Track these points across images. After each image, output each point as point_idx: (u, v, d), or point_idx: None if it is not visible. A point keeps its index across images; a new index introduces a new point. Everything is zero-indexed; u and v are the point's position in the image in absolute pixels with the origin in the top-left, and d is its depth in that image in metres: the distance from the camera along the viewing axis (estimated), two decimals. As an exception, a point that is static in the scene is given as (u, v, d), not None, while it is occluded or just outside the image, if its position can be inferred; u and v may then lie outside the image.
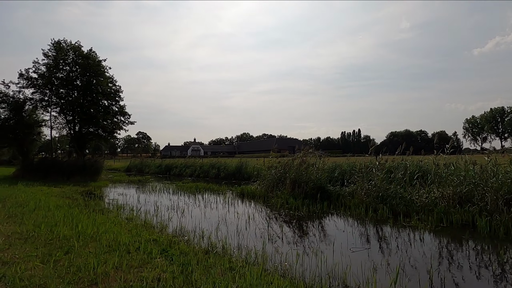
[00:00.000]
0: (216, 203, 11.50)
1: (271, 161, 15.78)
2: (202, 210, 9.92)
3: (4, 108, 21.45)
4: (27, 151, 23.25)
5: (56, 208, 8.62)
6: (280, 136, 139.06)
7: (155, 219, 8.26)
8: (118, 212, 9.34)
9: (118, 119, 26.51)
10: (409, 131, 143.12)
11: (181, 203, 11.47)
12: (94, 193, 14.96)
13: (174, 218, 8.67)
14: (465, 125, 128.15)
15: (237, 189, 14.34)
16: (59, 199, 11.41)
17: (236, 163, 23.81)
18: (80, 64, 23.92)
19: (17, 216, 7.05)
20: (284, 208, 10.01)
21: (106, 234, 5.47)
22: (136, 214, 8.77)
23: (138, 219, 8.23)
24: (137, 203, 11.45)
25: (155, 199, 12.68)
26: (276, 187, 12.84)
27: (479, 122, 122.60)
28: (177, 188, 15.97)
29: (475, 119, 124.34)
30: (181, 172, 28.92)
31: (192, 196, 13.37)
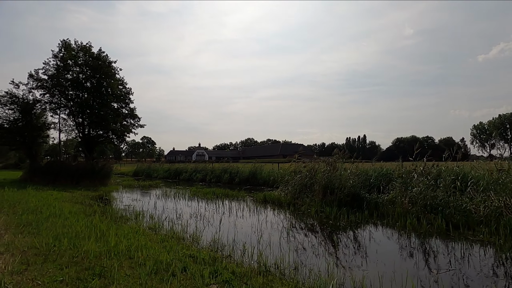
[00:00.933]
0: (240, 210, 10.59)
1: (293, 166, 14.88)
2: (229, 219, 9.02)
3: (13, 110, 20.87)
4: (35, 154, 22.59)
5: (72, 215, 7.78)
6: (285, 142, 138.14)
7: (181, 228, 7.37)
8: (138, 220, 8.48)
9: (128, 122, 25.86)
10: (416, 137, 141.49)
11: (202, 210, 10.58)
12: (106, 198, 14.15)
13: (200, 227, 7.78)
14: (472, 132, 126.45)
15: (259, 195, 13.42)
16: (72, 204, 10.58)
17: (249, 168, 22.91)
18: (90, 65, 23.37)
19: (31, 225, 6.21)
20: (320, 217, 9.08)
21: (138, 249, 4.59)
22: (158, 223, 7.89)
23: (162, 228, 7.36)
24: (155, 210, 10.58)
25: (173, 205, 11.81)
26: (303, 193, 11.92)
27: (487, 128, 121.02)
28: (193, 194, 15.09)
29: (483, 125, 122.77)
30: (191, 177, 28.05)
31: (211, 203, 12.48)
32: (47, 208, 8.60)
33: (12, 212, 8.07)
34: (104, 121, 22.37)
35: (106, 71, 23.62)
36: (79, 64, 23.16)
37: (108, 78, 23.79)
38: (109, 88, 23.98)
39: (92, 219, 7.24)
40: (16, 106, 20.74)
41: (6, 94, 20.60)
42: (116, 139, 24.59)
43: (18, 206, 8.90)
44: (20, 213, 7.76)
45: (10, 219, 6.81)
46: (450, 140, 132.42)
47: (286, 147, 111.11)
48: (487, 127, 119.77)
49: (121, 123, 25.03)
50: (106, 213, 9.33)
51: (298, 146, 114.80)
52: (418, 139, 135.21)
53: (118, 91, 24.62)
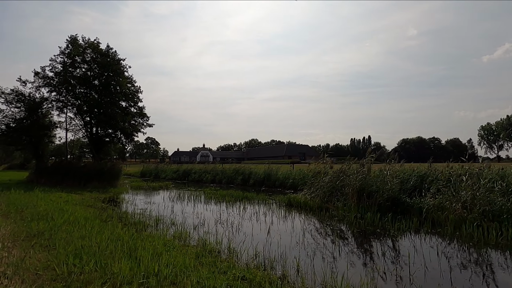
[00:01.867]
0: (266, 215, 9.63)
1: (319, 166, 13.93)
2: (259, 225, 8.07)
3: (19, 108, 20.10)
4: (41, 154, 21.81)
5: (88, 222, 6.88)
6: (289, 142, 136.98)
7: (210, 237, 6.43)
8: (160, 228, 7.56)
9: (136, 121, 25.04)
10: (422, 138, 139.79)
11: (225, 215, 9.65)
12: (117, 201, 13.28)
13: (230, 235, 6.85)
14: (480, 132, 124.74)
15: (281, 199, 12.46)
16: (84, 208, 9.70)
17: (264, 170, 21.96)
18: (98, 63, 22.59)
19: (43, 235, 5.31)
20: (361, 225, 8.09)
21: (179, 271, 3.65)
22: (184, 231, 6.96)
23: (191, 238, 6.43)
24: (173, 214, 9.67)
25: (191, 209, 10.88)
26: (333, 197, 10.95)
27: (495, 129, 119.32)
28: (209, 196, 14.16)
29: (491, 126, 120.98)
30: (200, 178, 27.16)
31: (231, 206, 11.54)
32: (59, 213, 7.71)
33: (20, 217, 7.20)
34: (113, 120, 21.56)
35: (114, 68, 22.82)
36: (86, 61, 22.39)
37: (116, 76, 22.99)
38: (118, 86, 23.19)
39: (111, 227, 6.33)
40: (22, 104, 19.98)
41: (12, 91, 19.88)
42: (125, 138, 23.77)
43: (26, 211, 8.03)
44: (29, 219, 6.88)
45: (18, 227, 5.93)
46: (457, 141, 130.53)
47: (291, 148, 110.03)
48: (495, 128, 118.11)
49: (129, 122, 24.23)
50: (123, 219, 8.44)
51: (303, 147, 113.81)
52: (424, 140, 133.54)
53: (127, 89, 23.82)
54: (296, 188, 18.08)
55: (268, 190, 18.33)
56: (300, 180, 18.01)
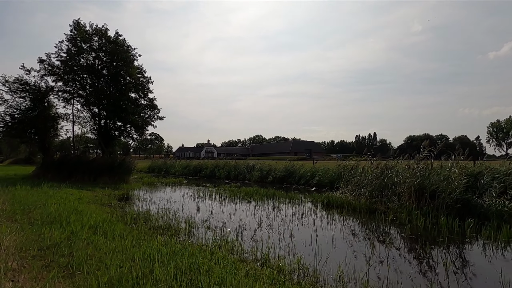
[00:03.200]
0: (310, 217, 8.27)
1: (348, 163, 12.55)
2: (311, 231, 6.71)
3: (24, 98, 18.79)
4: (48, 148, 20.57)
5: (110, 226, 5.57)
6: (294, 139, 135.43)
7: (264, 247, 5.09)
8: (194, 233, 6.24)
9: (146, 113, 23.67)
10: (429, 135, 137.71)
11: (261, 216, 8.31)
12: (132, 198, 12.00)
13: (288, 246, 5.52)
14: (489, 130, 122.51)
15: (318, 198, 11.08)
16: (100, 208, 8.41)
17: (284, 166, 20.60)
18: (106, 51, 21.15)
19: (60, 248, 3.99)
20: (433, 232, 6.71)
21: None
22: (227, 239, 5.63)
23: (238, 248, 5.10)
24: (200, 215, 8.34)
25: (219, 209, 9.54)
26: (383, 197, 9.57)
27: (504, 126, 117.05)
28: (234, 194, 12.82)
29: (500, 123, 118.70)
30: (213, 174, 25.88)
31: (262, 205, 10.19)
32: (74, 215, 6.41)
33: (28, 221, 5.90)
34: (123, 111, 20.20)
35: (123, 57, 21.38)
36: (94, 49, 20.97)
37: (126, 65, 21.58)
38: (127, 76, 21.79)
39: (144, 235, 5.01)
40: (27, 94, 18.66)
41: (17, 80, 18.56)
42: (136, 132, 22.43)
43: (35, 212, 6.73)
44: (39, 223, 5.58)
45: (26, 236, 4.62)
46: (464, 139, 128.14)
47: (297, 144, 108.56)
48: (504, 125, 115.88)
49: (139, 115, 22.87)
50: (148, 221, 7.13)
51: (310, 143, 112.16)
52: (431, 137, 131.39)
53: (137, 79, 22.43)
54: (322, 186, 16.77)
55: (290, 188, 16.99)
56: (329, 177, 16.66)
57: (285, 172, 19.87)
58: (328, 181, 16.87)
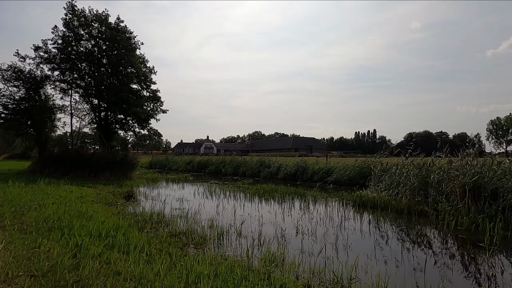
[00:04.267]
0: (347, 219, 7.13)
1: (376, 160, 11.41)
2: (360, 240, 5.57)
3: (18, 87, 17.39)
4: (45, 141, 19.24)
5: (124, 234, 4.39)
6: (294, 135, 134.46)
7: (319, 262, 3.95)
8: (222, 241, 5.07)
9: (148, 105, 22.37)
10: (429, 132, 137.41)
11: (290, 218, 7.16)
12: (137, 196, 10.82)
13: (342, 258, 4.37)
14: (489, 127, 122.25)
15: (349, 197, 9.94)
16: (105, 209, 7.22)
17: (294, 162, 19.47)
18: (106, 38, 19.76)
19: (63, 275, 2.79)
20: None
21: None
22: (276, 254, 4.47)
23: (291, 265, 3.94)
24: (223, 217, 7.17)
25: (239, 209, 8.36)
26: (425, 196, 8.45)
27: (504, 123, 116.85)
28: (251, 193, 11.63)
29: (500, 120, 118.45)
30: (218, 170, 24.69)
31: (287, 205, 9.04)
32: (77, 218, 5.21)
33: (20, 227, 4.70)
34: (125, 103, 18.88)
35: (125, 45, 20.03)
36: (93, 36, 19.59)
37: (127, 54, 20.21)
38: (129, 66, 20.44)
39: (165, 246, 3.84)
40: (21, 83, 17.29)
41: (10, 67, 17.17)
42: (138, 125, 21.12)
43: (29, 215, 5.53)
44: (33, 231, 4.38)
45: (15, 250, 3.41)
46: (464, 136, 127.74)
47: (298, 141, 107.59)
48: (504, 123, 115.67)
49: (142, 107, 21.54)
50: (164, 224, 5.96)
51: (310, 140, 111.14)
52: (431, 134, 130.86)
53: (139, 69, 21.08)
54: (340, 184, 15.67)
55: (304, 185, 15.87)
56: (348, 175, 15.55)
57: (296, 169, 18.74)
58: (346, 179, 15.77)
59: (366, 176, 15.39)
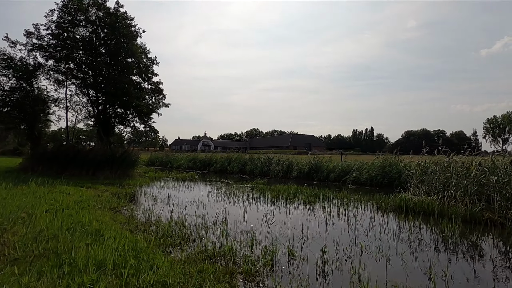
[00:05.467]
0: (405, 230, 5.89)
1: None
2: (444, 260, 4.33)
3: (7, 76, 15.77)
4: (38, 136, 17.67)
5: (144, 260, 3.07)
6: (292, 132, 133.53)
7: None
8: (286, 272, 3.78)
9: (150, 98, 20.89)
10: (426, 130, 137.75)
11: (334, 229, 5.91)
12: (143, 198, 9.47)
13: None
14: (485, 125, 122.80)
15: (387, 200, 8.71)
16: (111, 216, 5.89)
17: (308, 160, 18.23)
18: (105, 24, 18.19)
19: None
20: None
21: None
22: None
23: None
24: (254, 227, 5.88)
25: (269, 216, 7.07)
26: (486, 201, 7.25)
27: (501, 122, 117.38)
28: (271, 194, 10.33)
29: (497, 119, 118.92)
30: (224, 168, 23.35)
31: (317, 210, 7.78)
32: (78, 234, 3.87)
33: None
34: (126, 95, 17.38)
35: (125, 32, 18.49)
36: (91, 21, 18.00)
37: (128, 42, 18.66)
38: (130, 55, 18.91)
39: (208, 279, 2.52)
40: (11, 71, 15.69)
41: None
42: (139, 119, 19.64)
43: (13, 230, 4.17)
44: (18, 258, 3.03)
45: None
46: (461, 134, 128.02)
47: (297, 138, 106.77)
48: (501, 121, 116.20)
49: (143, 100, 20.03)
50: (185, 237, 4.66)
51: (309, 137, 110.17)
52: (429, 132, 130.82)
53: (140, 59, 19.57)
54: (361, 184, 14.48)
55: (320, 185, 14.66)
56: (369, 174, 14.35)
57: (310, 167, 17.50)
58: (367, 178, 14.60)
59: (389, 175, 14.28)
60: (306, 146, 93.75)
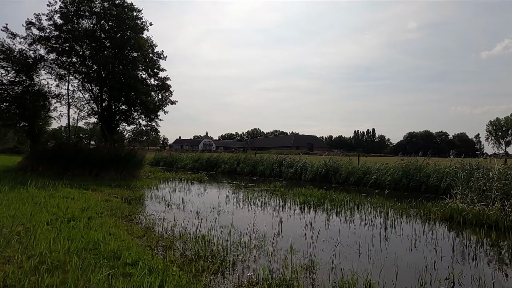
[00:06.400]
0: (475, 247, 4.88)
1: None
2: None
3: (6, 69, 14.72)
4: (38, 133, 16.62)
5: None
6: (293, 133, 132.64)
7: None
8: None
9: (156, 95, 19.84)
10: (429, 131, 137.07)
11: (391, 246, 4.90)
12: (155, 203, 8.44)
13: None
14: (488, 128, 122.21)
15: (431, 208, 7.69)
16: (124, 227, 4.87)
17: (321, 161, 17.22)
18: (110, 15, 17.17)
19: None
20: None
21: None
22: None
23: None
24: (306, 244, 4.86)
25: (308, 227, 6.06)
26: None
27: (503, 124, 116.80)
28: (300, 200, 9.29)
29: (500, 121, 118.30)
30: (232, 169, 22.29)
31: (359, 221, 6.77)
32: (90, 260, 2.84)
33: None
34: (132, 90, 16.34)
35: (132, 25, 17.49)
36: (95, 13, 16.99)
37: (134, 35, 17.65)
38: (136, 50, 17.89)
39: None
40: (10, 64, 14.65)
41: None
42: (146, 117, 18.59)
43: (7, 253, 3.14)
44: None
45: None
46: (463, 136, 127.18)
47: (299, 139, 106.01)
48: (504, 123, 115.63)
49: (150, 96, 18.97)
50: (224, 263, 3.64)
51: (311, 138, 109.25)
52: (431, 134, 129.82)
53: (147, 54, 18.56)
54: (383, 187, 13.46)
55: (339, 188, 13.63)
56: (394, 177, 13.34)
57: (327, 169, 16.47)
58: (390, 180, 13.62)
59: (415, 178, 13.28)
60: (308, 147, 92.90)
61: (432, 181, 12.60)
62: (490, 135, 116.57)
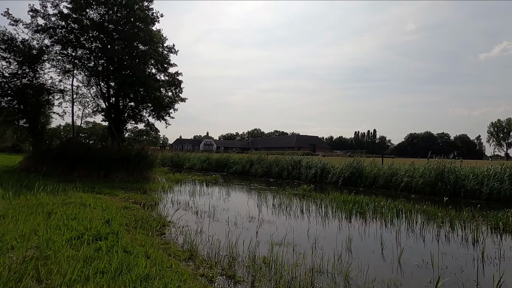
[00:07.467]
0: None
1: None
2: None
3: (7, 60, 13.53)
4: (41, 131, 15.45)
5: None
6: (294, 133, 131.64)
7: None
8: None
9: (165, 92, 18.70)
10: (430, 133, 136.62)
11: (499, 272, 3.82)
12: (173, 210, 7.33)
13: None
14: (489, 129, 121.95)
15: (503, 219, 6.61)
16: (161, 247, 3.76)
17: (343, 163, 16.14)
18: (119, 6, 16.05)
19: None
20: None
21: None
22: None
23: None
24: (380, 274, 3.79)
25: (375, 243, 4.98)
26: None
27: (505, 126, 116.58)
28: (347, 208, 8.19)
29: (501, 123, 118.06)
30: (245, 170, 21.17)
31: (427, 234, 5.70)
32: None
33: None
34: (143, 85, 15.19)
35: (142, 16, 16.36)
36: (103, 2, 15.85)
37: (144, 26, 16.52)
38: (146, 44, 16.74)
39: None
40: (12, 55, 13.49)
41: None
42: (156, 114, 17.43)
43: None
44: None
45: None
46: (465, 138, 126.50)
47: (301, 139, 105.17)
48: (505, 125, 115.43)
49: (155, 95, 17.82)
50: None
51: (313, 138, 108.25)
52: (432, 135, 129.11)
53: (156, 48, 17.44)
54: (416, 192, 12.38)
55: (367, 192, 12.55)
56: (427, 180, 12.28)
57: (352, 171, 15.38)
58: (423, 183, 12.55)
59: (451, 181, 12.21)
60: (310, 148, 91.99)
61: (471, 185, 11.57)
62: (492, 137, 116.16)
